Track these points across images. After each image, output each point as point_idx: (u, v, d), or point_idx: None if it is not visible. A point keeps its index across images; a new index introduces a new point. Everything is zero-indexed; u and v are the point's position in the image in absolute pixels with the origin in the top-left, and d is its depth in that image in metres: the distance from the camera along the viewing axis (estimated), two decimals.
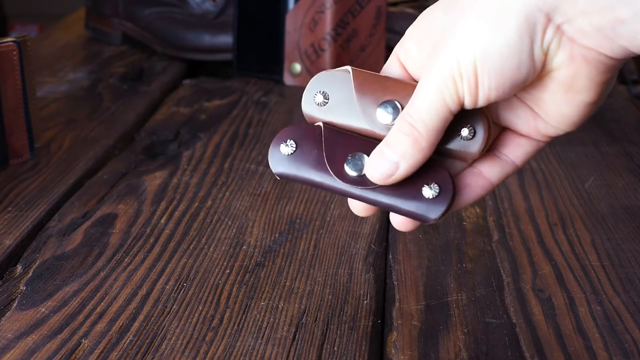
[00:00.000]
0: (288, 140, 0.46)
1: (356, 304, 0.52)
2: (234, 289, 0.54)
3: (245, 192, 0.68)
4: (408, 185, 0.45)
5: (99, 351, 0.47)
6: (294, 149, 0.46)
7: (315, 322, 0.50)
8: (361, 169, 0.45)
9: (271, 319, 0.50)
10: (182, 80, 1.00)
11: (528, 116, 0.45)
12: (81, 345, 0.47)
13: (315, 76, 0.46)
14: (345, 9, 0.96)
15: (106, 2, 1.14)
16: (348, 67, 0.47)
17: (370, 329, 0.50)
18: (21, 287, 0.53)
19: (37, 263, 0.56)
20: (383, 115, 0.45)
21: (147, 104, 0.90)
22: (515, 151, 0.47)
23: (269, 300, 0.52)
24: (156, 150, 0.78)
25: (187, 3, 1.08)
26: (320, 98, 0.46)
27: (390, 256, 0.58)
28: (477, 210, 0.65)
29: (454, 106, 0.43)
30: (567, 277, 0.56)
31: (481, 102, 0.42)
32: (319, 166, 0.45)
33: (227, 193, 0.68)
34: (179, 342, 0.48)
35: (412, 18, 1.07)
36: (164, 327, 0.49)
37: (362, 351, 0.47)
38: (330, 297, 0.53)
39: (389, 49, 1.06)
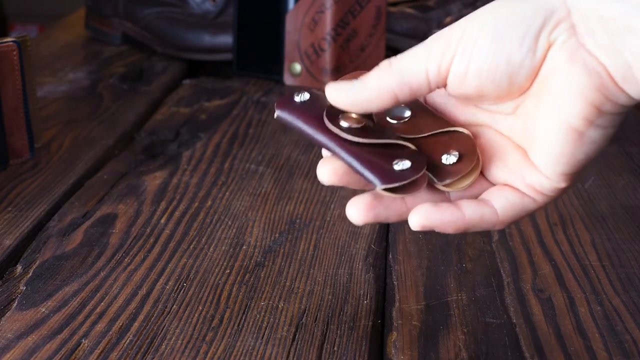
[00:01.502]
0: (303, 93, 0.47)
1: (356, 304, 0.52)
2: (234, 289, 0.54)
3: (245, 192, 0.68)
4: (384, 154, 0.44)
5: (99, 351, 0.47)
6: (304, 100, 0.46)
7: (315, 322, 0.50)
8: (351, 122, 0.44)
9: (271, 319, 0.50)
10: (182, 80, 1.00)
11: (516, 164, 0.44)
12: (81, 345, 0.47)
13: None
14: (345, 9, 0.96)
15: (106, 2, 1.14)
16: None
17: (370, 329, 0.50)
18: (21, 287, 0.53)
19: (37, 263, 0.56)
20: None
21: (147, 104, 0.90)
22: (496, 196, 0.44)
23: (269, 300, 0.52)
24: (156, 150, 0.78)
25: (187, 3, 1.08)
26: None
27: (390, 256, 0.58)
28: None
29: (433, 68, 0.43)
30: (567, 277, 0.56)
31: (471, 76, 0.42)
32: (315, 118, 0.45)
33: (227, 193, 0.68)
34: (179, 342, 0.48)
35: (412, 18, 1.07)
36: (164, 327, 0.49)
37: (362, 351, 0.47)
38: (330, 297, 0.53)
39: (389, 49, 1.07)
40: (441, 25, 1.04)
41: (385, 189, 0.43)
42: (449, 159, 0.44)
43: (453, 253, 0.59)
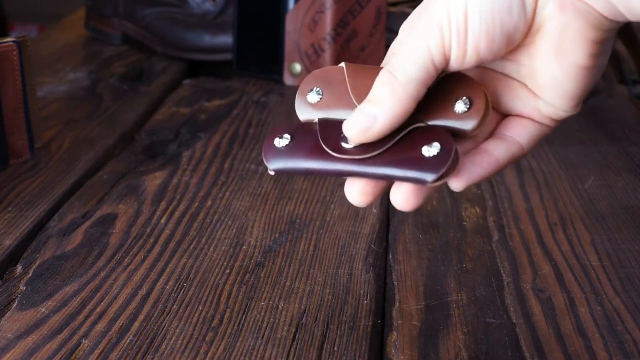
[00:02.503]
0: (283, 135, 0.44)
1: (356, 304, 0.52)
2: (234, 289, 0.54)
3: (245, 192, 0.68)
4: (406, 148, 0.42)
5: (99, 351, 0.47)
6: (289, 140, 0.44)
7: (315, 322, 0.50)
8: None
9: (271, 319, 0.50)
10: (182, 80, 1.00)
11: (528, 96, 0.45)
12: (81, 345, 0.47)
13: (308, 76, 0.45)
14: (345, 9, 0.96)
15: (106, 2, 1.14)
16: (342, 63, 0.45)
17: (370, 329, 0.50)
18: (21, 287, 0.53)
19: (37, 263, 0.56)
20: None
21: (147, 104, 0.90)
22: (519, 132, 0.45)
23: (269, 300, 0.52)
24: (156, 150, 0.78)
25: (187, 3, 1.08)
26: (313, 96, 0.45)
27: (390, 256, 0.58)
28: (477, 210, 0.65)
29: (438, 57, 0.41)
30: (567, 277, 0.56)
31: (470, 54, 0.41)
32: (315, 151, 0.43)
33: (227, 193, 0.68)
34: (179, 342, 0.48)
35: None
36: (164, 327, 0.49)
37: (362, 351, 0.47)
38: (330, 297, 0.53)
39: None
40: None
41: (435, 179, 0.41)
42: (460, 107, 0.43)
43: (453, 253, 0.59)
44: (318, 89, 0.45)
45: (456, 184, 0.43)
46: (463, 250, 0.59)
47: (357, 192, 0.44)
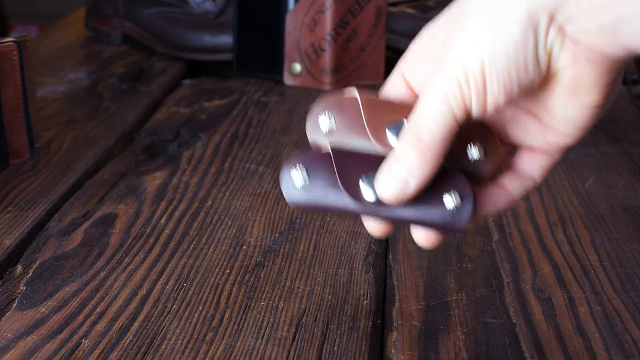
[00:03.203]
0: (298, 165, 0.44)
1: (356, 304, 0.52)
2: (234, 289, 0.54)
3: (245, 192, 0.68)
4: (428, 196, 0.43)
5: (99, 351, 0.47)
6: (307, 179, 0.44)
7: (315, 322, 0.50)
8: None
9: (271, 319, 0.50)
10: (182, 80, 1.00)
11: (536, 129, 0.45)
12: (81, 345, 0.47)
13: (320, 101, 0.45)
14: (345, 9, 0.96)
15: (106, 2, 1.14)
16: (354, 91, 0.45)
17: (370, 329, 0.50)
18: (21, 287, 0.53)
19: (37, 263, 0.56)
20: (393, 135, 0.44)
21: (147, 104, 0.90)
22: (532, 166, 0.47)
23: (269, 300, 0.52)
24: (156, 150, 0.78)
25: (187, 3, 1.08)
26: (326, 123, 0.45)
27: (390, 256, 0.58)
28: None
29: (460, 113, 0.42)
30: (567, 277, 0.56)
31: (490, 107, 0.42)
32: (335, 192, 0.44)
33: (227, 193, 0.68)
34: (179, 342, 0.48)
35: (412, 18, 1.07)
36: (164, 327, 0.49)
37: (362, 351, 0.47)
38: (330, 297, 0.53)
39: (389, 49, 1.07)
40: None
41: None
42: (474, 154, 0.44)
43: (453, 253, 0.59)
44: (330, 115, 0.45)
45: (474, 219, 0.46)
46: (463, 250, 0.59)
47: (376, 226, 0.46)
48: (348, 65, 0.98)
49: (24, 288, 0.53)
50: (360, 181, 0.44)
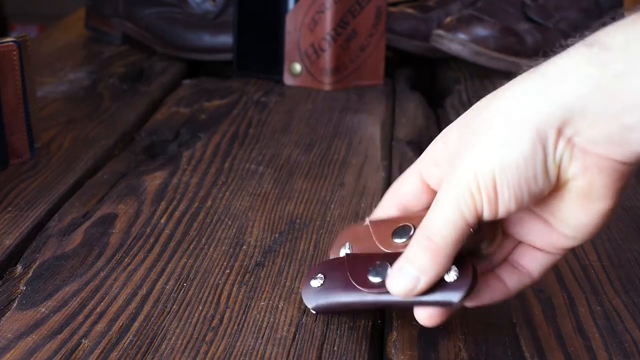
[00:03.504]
0: (317, 275, 0.49)
1: None
2: (234, 289, 0.54)
3: (245, 192, 0.68)
4: None
5: (99, 351, 0.47)
6: (323, 280, 0.49)
7: (315, 322, 0.50)
8: (384, 276, 0.46)
9: (271, 319, 0.50)
10: (182, 80, 1.00)
11: (542, 230, 0.46)
12: (81, 345, 0.47)
13: (340, 234, 0.52)
14: (345, 9, 0.96)
15: (106, 2, 1.14)
16: (367, 221, 0.50)
17: (370, 329, 0.50)
18: (21, 287, 0.53)
19: (37, 263, 0.56)
20: (397, 238, 0.47)
21: (147, 104, 0.90)
22: (530, 263, 0.48)
23: (269, 300, 0.52)
24: (156, 150, 0.78)
25: (187, 3, 1.08)
26: (344, 251, 0.50)
27: None
28: None
29: (471, 219, 0.44)
30: (567, 277, 0.56)
31: (501, 214, 0.44)
32: (347, 286, 0.48)
33: (227, 193, 0.68)
34: (179, 342, 0.48)
35: (412, 18, 1.07)
36: (164, 327, 0.49)
37: (362, 351, 0.47)
38: None
39: (389, 49, 1.07)
40: (441, 25, 1.04)
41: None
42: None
43: None
44: (348, 243, 0.50)
45: (469, 303, 0.48)
46: None
47: (427, 317, 0.47)
48: (348, 65, 0.98)
49: (24, 288, 0.53)
50: (368, 272, 0.47)
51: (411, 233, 0.47)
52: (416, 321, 0.50)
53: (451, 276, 0.45)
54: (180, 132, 0.82)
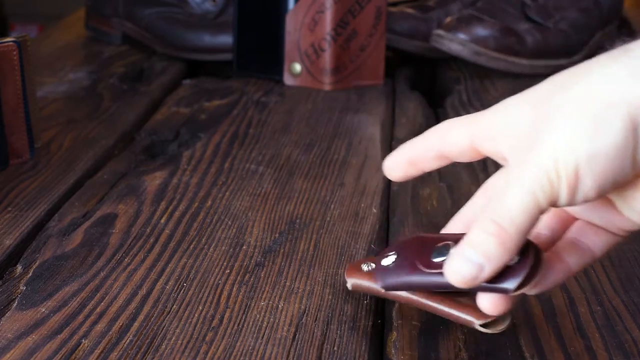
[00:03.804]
0: (389, 254, 0.48)
1: (356, 304, 0.52)
2: (234, 289, 0.54)
3: (245, 192, 0.68)
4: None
5: (99, 351, 0.47)
6: (394, 259, 0.47)
7: (315, 322, 0.50)
8: (446, 256, 0.44)
9: (271, 319, 0.50)
10: (182, 80, 1.00)
11: (607, 213, 0.44)
12: (81, 345, 0.47)
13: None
14: (345, 9, 0.96)
15: (106, 2, 1.14)
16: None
17: (370, 329, 0.50)
18: (21, 287, 0.53)
19: (37, 263, 0.56)
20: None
21: (147, 104, 0.90)
22: (595, 241, 0.46)
23: (269, 300, 0.52)
24: (156, 150, 0.78)
25: (187, 3, 1.08)
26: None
27: None
28: None
29: (545, 205, 0.41)
30: None
31: (579, 202, 0.41)
32: (414, 268, 0.46)
33: (227, 193, 0.68)
34: (179, 342, 0.48)
35: (412, 18, 1.07)
36: (164, 327, 0.49)
37: (362, 351, 0.47)
38: (330, 297, 0.53)
39: (389, 49, 1.07)
40: (441, 25, 1.04)
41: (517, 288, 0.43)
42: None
43: None
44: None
45: (532, 291, 0.45)
46: None
47: (489, 304, 0.45)
48: (348, 65, 0.98)
49: (24, 288, 0.53)
50: (432, 252, 0.45)
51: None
52: (416, 321, 0.50)
53: (512, 259, 0.42)
54: (180, 132, 0.82)
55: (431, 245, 0.46)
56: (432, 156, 0.48)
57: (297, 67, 0.98)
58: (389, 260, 0.47)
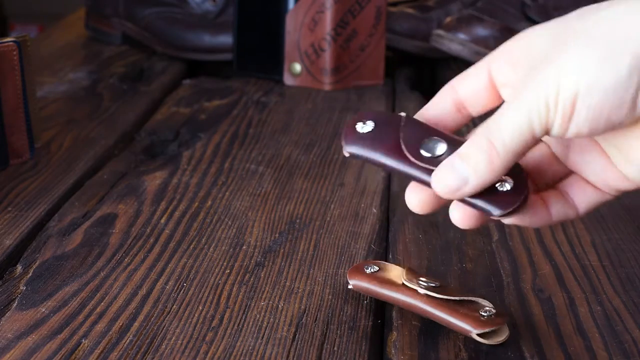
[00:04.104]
0: (366, 121, 0.45)
1: (356, 304, 0.52)
2: (234, 289, 0.54)
3: (245, 192, 0.68)
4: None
5: (99, 351, 0.47)
6: (372, 128, 0.45)
7: (315, 322, 0.50)
8: (435, 152, 0.43)
9: (271, 319, 0.50)
10: (182, 80, 1.00)
11: (601, 165, 0.44)
12: (81, 345, 0.47)
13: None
14: (345, 9, 0.96)
15: (106, 2, 1.14)
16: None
17: (370, 329, 0.50)
18: (21, 287, 0.53)
19: (37, 263, 0.56)
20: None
21: (147, 104, 0.90)
22: (580, 196, 0.46)
23: (269, 300, 0.52)
24: (156, 150, 0.78)
25: (187, 3, 1.08)
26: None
27: (390, 256, 0.58)
28: None
29: (540, 132, 0.41)
30: (567, 277, 0.56)
31: (570, 134, 0.41)
32: (395, 149, 0.44)
33: (227, 193, 0.68)
34: (179, 342, 0.48)
35: (412, 18, 1.07)
36: (164, 327, 0.49)
37: (362, 351, 0.47)
38: (330, 297, 0.53)
39: (389, 49, 1.07)
40: (441, 25, 1.04)
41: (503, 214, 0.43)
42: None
43: (453, 253, 0.59)
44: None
45: (508, 220, 0.45)
46: (463, 250, 0.59)
47: (418, 202, 0.45)
48: (348, 65, 0.98)
49: (24, 288, 0.53)
50: (421, 144, 0.44)
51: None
52: (416, 321, 0.50)
53: (505, 186, 0.42)
54: (180, 132, 0.82)
55: (420, 134, 0.44)
56: (448, 108, 0.46)
57: (297, 67, 0.98)
58: (364, 128, 0.45)
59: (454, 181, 0.42)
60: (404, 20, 1.07)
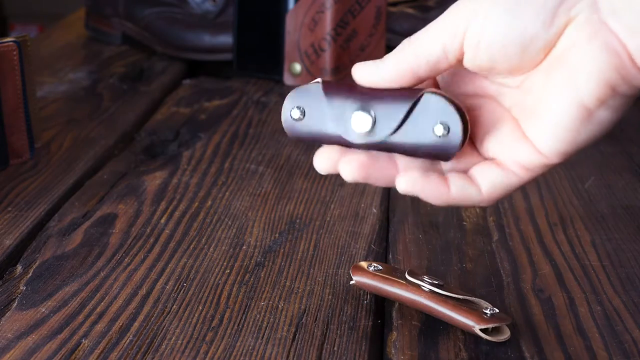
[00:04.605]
0: (295, 107, 0.48)
1: (356, 304, 0.52)
2: (234, 289, 0.54)
3: (245, 192, 0.68)
4: (417, 127, 0.45)
5: (99, 351, 0.47)
6: (303, 115, 0.47)
7: (315, 322, 0.50)
8: (368, 124, 0.46)
9: (271, 319, 0.50)
10: (182, 80, 1.00)
11: (513, 139, 0.44)
12: (81, 345, 0.47)
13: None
14: (345, 9, 0.96)
15: (106, 2, 1.14)
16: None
17: (370, 329, 0.50)
18: (21, 287, 0.53)
19: (37, 263, 0.56)
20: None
21: (147, 104, 0.90)
22: (483, 175, 0.45)
23: (269, 300, 0.52)
24: (156, 150, 0.78)
25: (187, 3, 1.08)
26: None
27: (390, 256, 0.58)
28: (477, 210, 0.65)
29: (451, 49, 0.43)
30: (567, 277, 0.56)
31: (482, 58, 0.43)
32: (328, 125, 0.47)
33: (227, 193, 0.68)
34: (179, 342, 0.48)
35: (412, 18, 1.07)
36: (164, 327, 0.49)
37: (362, 351, 0.47)
38: (330, 297, 0.53)
39: (389, 49, 1.06)
40: None
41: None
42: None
43: (453, 253, 0.59)
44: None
45: (399, 182, 0.45)
46: (463, 250, 0.59)
47: (354, 167, 0.46)
48: (348, 65, 0.98)
49: (24, 288, 0.53)
50: (351, 118, 0.46)
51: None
52: (416, 321, 0.50)
53: (442, 129, 0.44)
54: (180, 132, 0.82)
55: (348, 106, 0.47)
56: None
57: (297, 67, 0.98)
58: (297, 113, 0.48)
59: (368, 65, 0.46)
60: (404, 20, 1.07)
